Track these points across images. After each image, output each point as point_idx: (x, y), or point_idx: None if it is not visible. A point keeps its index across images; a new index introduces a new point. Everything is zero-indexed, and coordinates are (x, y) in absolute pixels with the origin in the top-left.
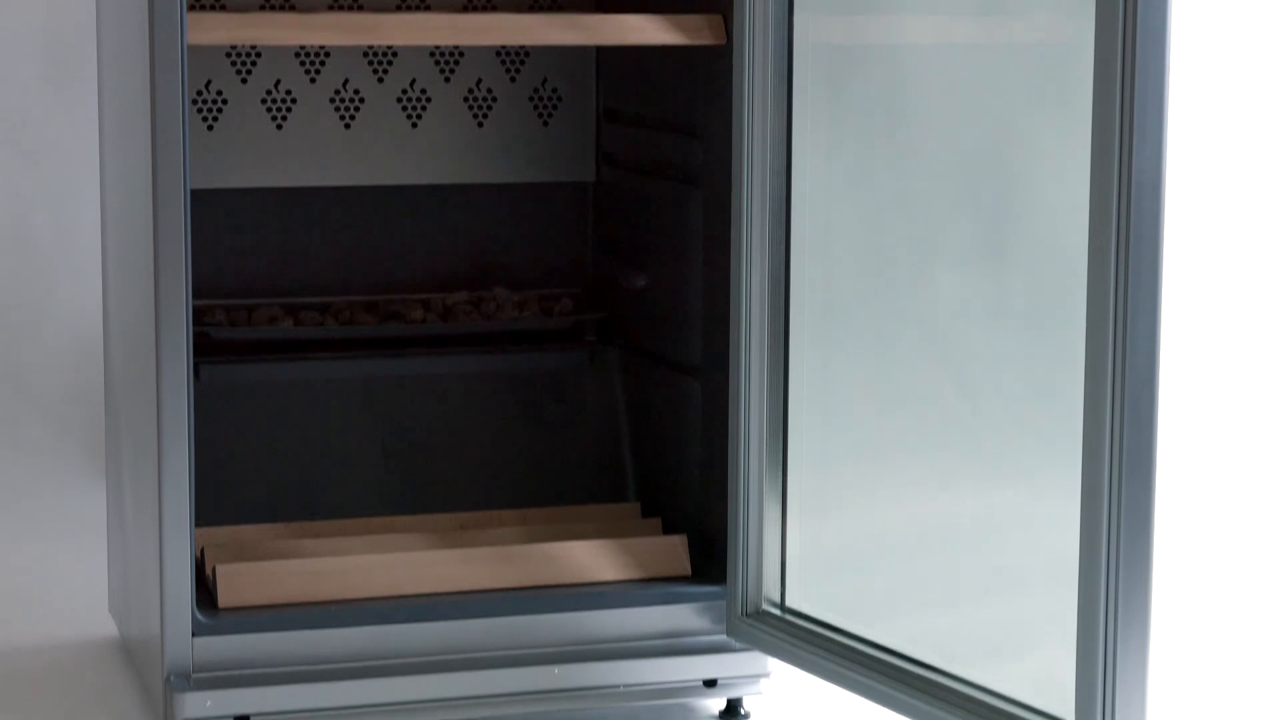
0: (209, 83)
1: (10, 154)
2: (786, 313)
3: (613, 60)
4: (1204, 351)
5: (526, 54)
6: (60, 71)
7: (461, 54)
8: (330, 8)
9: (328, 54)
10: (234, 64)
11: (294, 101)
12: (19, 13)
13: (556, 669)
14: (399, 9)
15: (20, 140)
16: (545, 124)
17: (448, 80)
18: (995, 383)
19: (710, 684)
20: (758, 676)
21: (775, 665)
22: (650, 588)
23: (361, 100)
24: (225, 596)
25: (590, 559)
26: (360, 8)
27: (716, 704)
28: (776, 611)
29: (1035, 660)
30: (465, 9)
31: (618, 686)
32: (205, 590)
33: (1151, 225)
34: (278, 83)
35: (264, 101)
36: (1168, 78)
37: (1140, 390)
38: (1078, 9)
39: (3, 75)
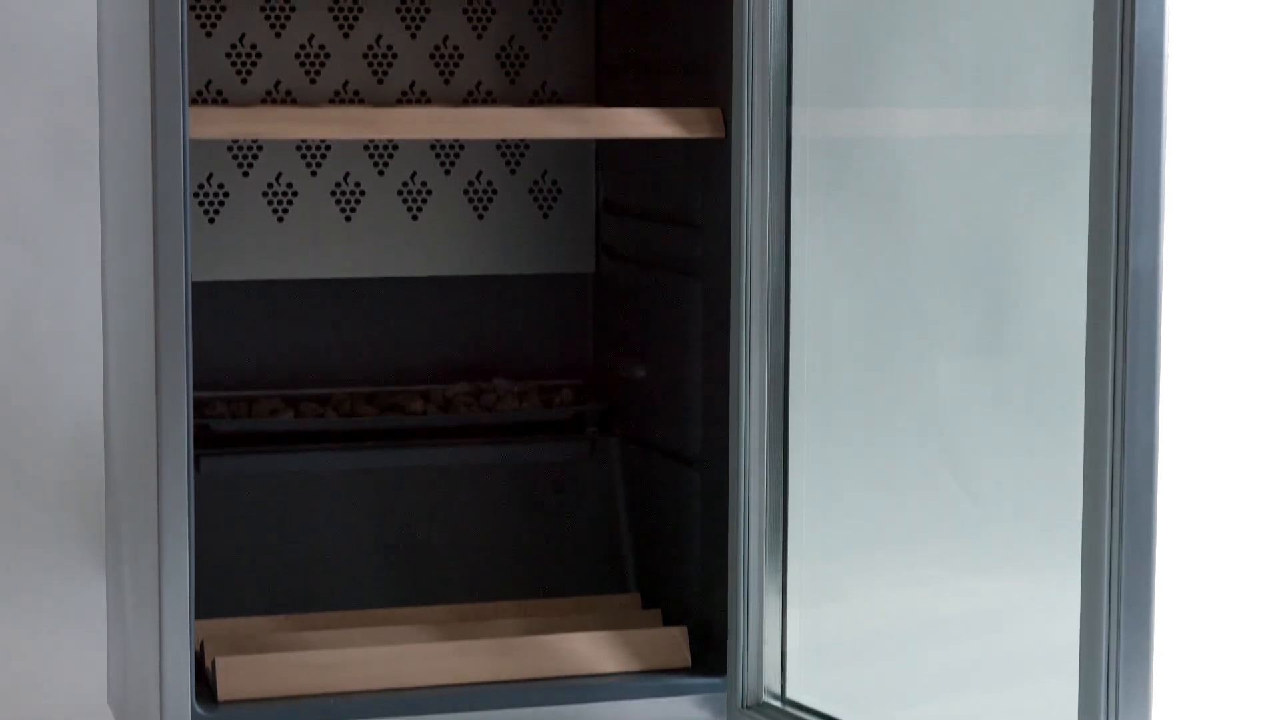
0: (210, 175)
1: (11, 244)
2: (786, 403)
3: (612, 153)
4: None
5: (527, 147)
6: (62, 163)
7: (462, 147)
8: (331, 101)
9: (329, 147)
10: (235, 157)
11: (295, 194)
12: (22, 104)
13: None
14: (400, 103)
15: (21, 231)
16: (545, 216)
17: (448, 173)
18: (995, 472)
19: None
20: None
21: None
22: (650, 679)
23: (362, 193)
24: (225, 689)
25: (590, 651)
26: (362, 101)
27: None
28: (777, 703)
29: None
30: (466, 102)
31: None
32: (205, 683)
33: (1149, 318)
34: (279, 175)
35: (265, 194)
36: (1164, 171)
37: (1139, 481)
38: (1073, 101)
39: (4, 165)
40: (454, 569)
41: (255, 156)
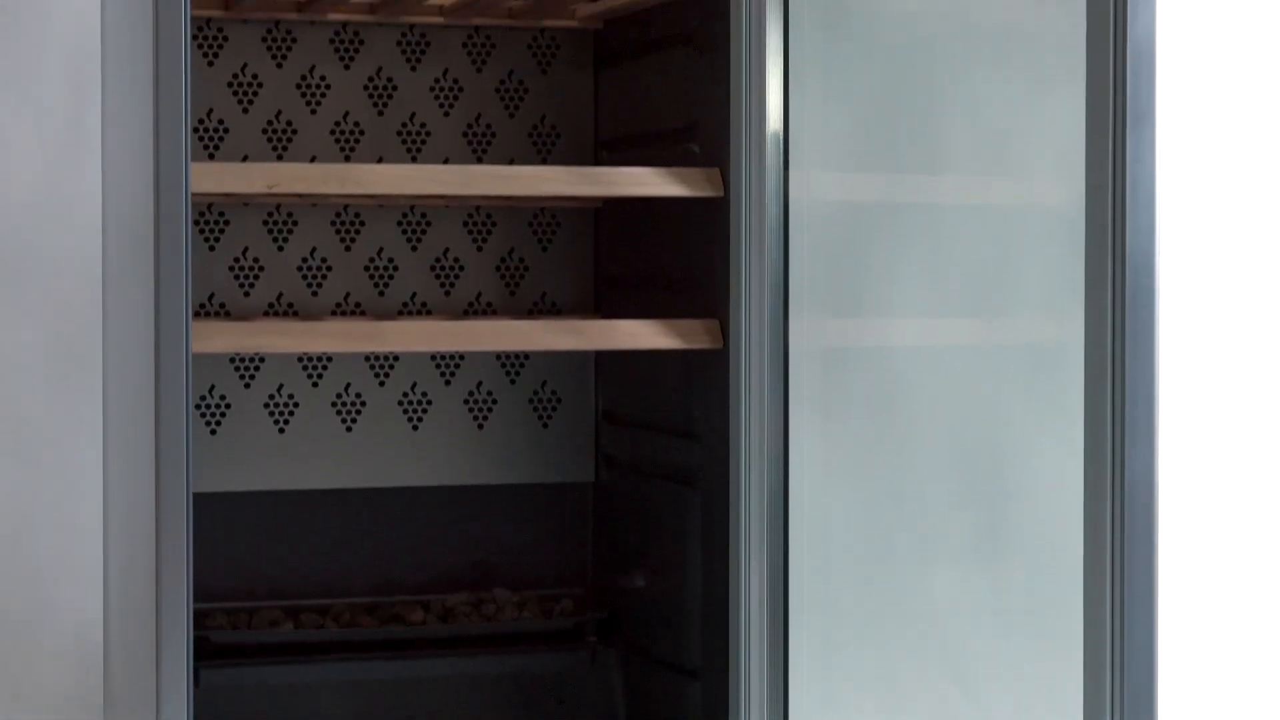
0: (212, 388)
1: (11, 456)
2: (786, 612)
3: (611, 363)
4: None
5: (526, 357)
6: (64, 375)
7: (462, 358)
8: (333, 313)
9: (330, 359)
10: (237, 369)
11: (296, 405)
12: (23, 316)
13: None
14: (401, 314)
15: (22, 443)
16: (545, 426)
17: (448, 383)
18: (996, 680)
19: None
20: None
21: None
22: None
23: (363, 404)
24: None
25: None
26: (363, 312)
27: None
28: None
29: None
30: (466, 313)
31: None
32: None
33: (1145, 528)
34: (280, 387)
35: (267, 405)
36: (1158, 381)
37: (1139, 687)
38: (1067, 311)
39: (5, 377)
40: None
41: (257, 368)
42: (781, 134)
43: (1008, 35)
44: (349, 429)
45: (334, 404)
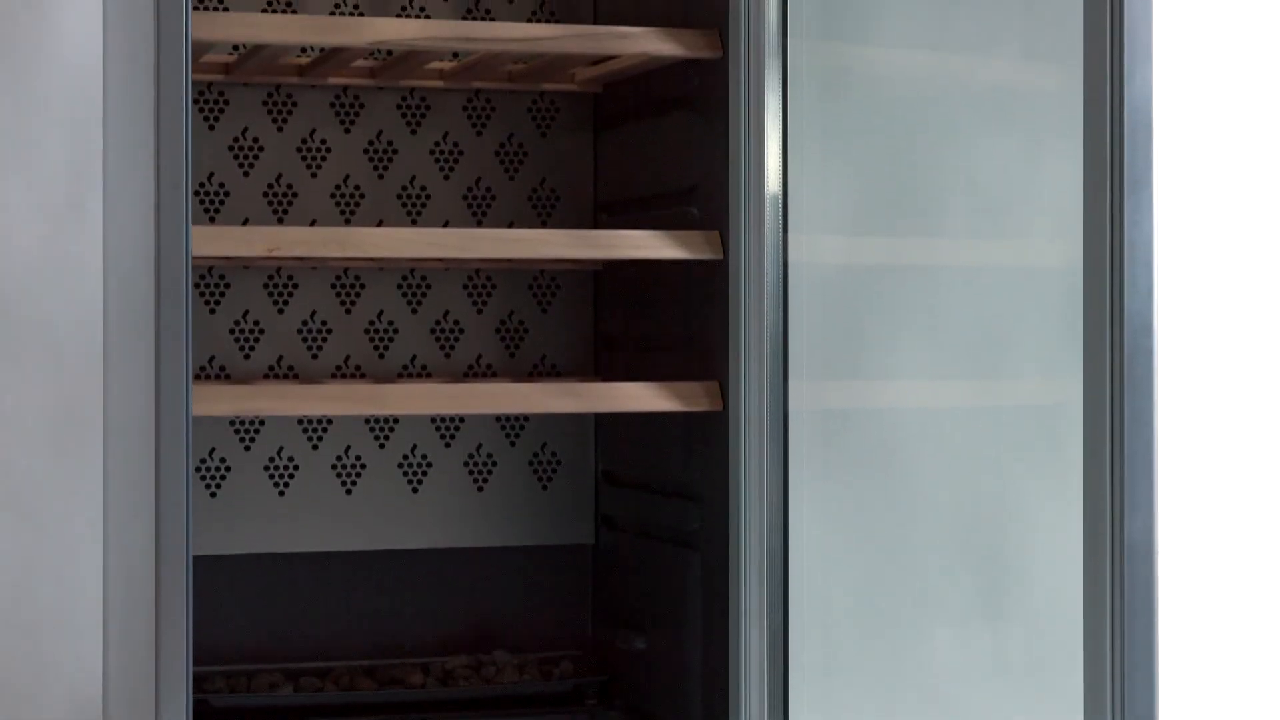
0: (212, 450)
1: (11, 518)
2: (786, 674)
3: (611, 425)
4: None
5: (526, 419)
6: (64, 438)
7: (462, 420)
8: (333, 376)
9: (330, 421)
10: (237, 432)
11: (296, 468)
12: (24, 379)
13: None
14: (401, 376)
15: (22, 505)
16: (545, 487)
17: (448, 445)
18: None
19: None
20: None
21: None
22: None
23: (363, 466)
24: None
25: None
26: (363, 375)
27: None
28: None
29: None
30: (466, 375)
31: None
32: None
33: (1145, 590)
34: (280, 449)
35: (267, 468)
36: (1157, 443)
37: None
38: (1066, 373)
39: (5, 439)
40: None
41: (257, 431)
42: (781, 196)
43: (1005, 98)
44: (349, 491)
45: (334, 466)
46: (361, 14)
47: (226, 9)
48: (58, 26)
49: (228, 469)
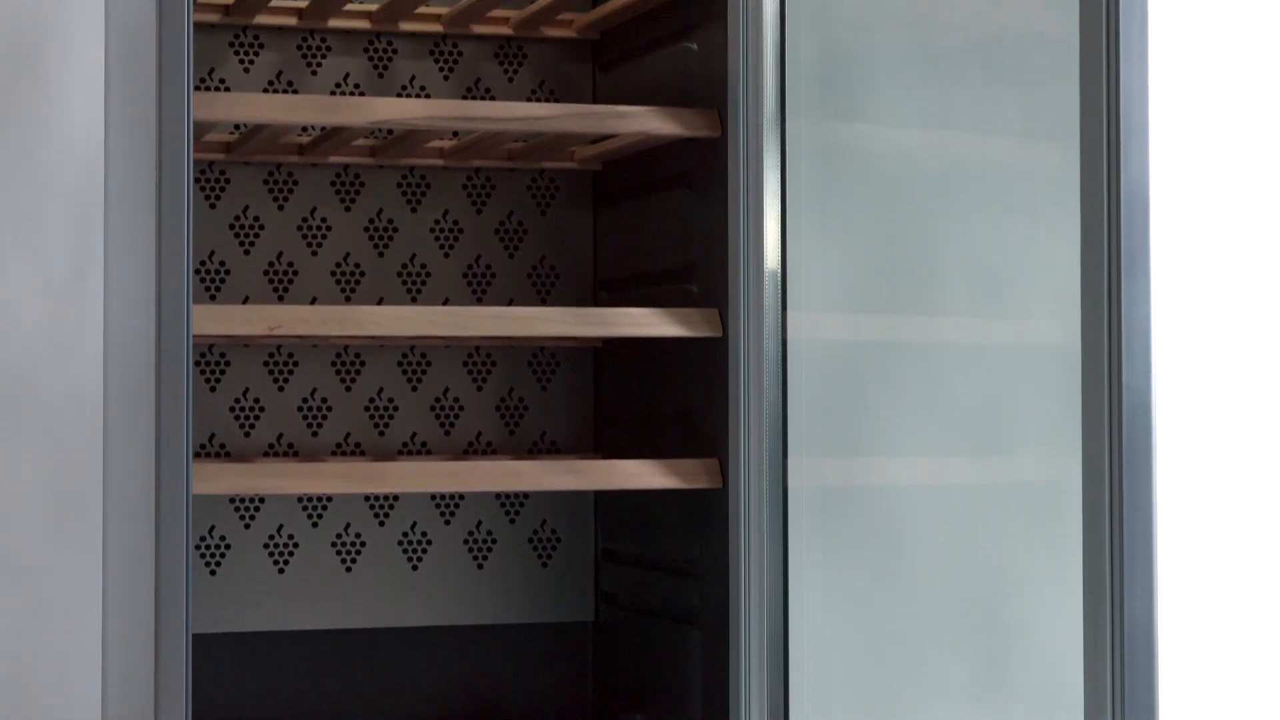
0: (212, 528)
1: (11, 595)
2: None
3: (611, 502)
4: None
5: (526, 497)
6: (64, 516)
7: (462, 497)
8: (333, 453)
9: (329, 499)
10: (237, 510)
11: (296, 546)
12: (23, 455)
13: None
14: (401, 453)
15: (21, 582)
16: (545, 565)
17: (448, 523)
18: None
19: None
20: None
21: None
22: None
23: (363, 544)
24: None
25: None
26: (363, 452)
27: None
28: None
29: None
30: (466, 452)
31: None
32: None
33: (1145, 667)
34: (280, 527)
35: (266, 546)
36: (1156, 519)
37: None
38: (1065, 448)
39: (4, 516)
40: None
41: (257, 509)
42: (779, 273)
43: (1003, 175)
44: (349, 569)
45: (334, 544)
46: (362, 94)
47: (228, 88)
48: (60, 105)
49: (227, 547)
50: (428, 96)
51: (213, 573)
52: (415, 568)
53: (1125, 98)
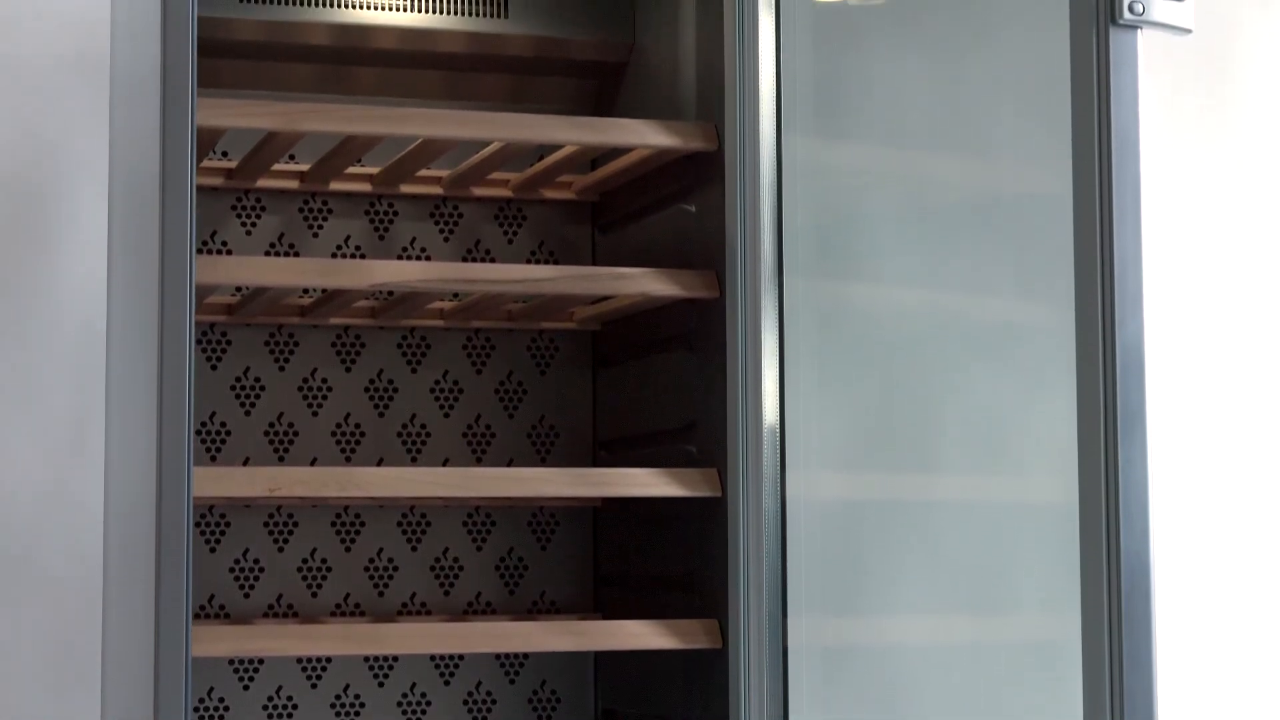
0: (211, 690)
1: None
2: None
3: (611, 662)
4: None
5: (526, 657)
6: (62, 681)
7: (461, 658)
8: (333, 614)
9: (329, 659)
10: (236, 671)
11: (295, 707)
12: (23, 619)
13: None
14: (401, 613)
15: None
16: None
17: (448, 684)
18: None
19: None
20: None
21: None
22: None
23: (362, 705)
24: None
25: None
26: (362, 613)
27: None
28: None
29: None
30: (466, 612)
31: None
32: None
33: None
34: (279, 689)
35: (265, 707)
36: (1155, 679)
37: None
38: (1065, 607)
39: (3, 681)
40: None
41: (256, 670)
42: (778, 433)
43: (1000, 335)
44: None
45: (333, 705)
46: (363, 255)
47: (230, 251)
48: (63, 267)
49: (226, 708)
50: (428, 258)
51: None
52: None
53: (1120, 259)
